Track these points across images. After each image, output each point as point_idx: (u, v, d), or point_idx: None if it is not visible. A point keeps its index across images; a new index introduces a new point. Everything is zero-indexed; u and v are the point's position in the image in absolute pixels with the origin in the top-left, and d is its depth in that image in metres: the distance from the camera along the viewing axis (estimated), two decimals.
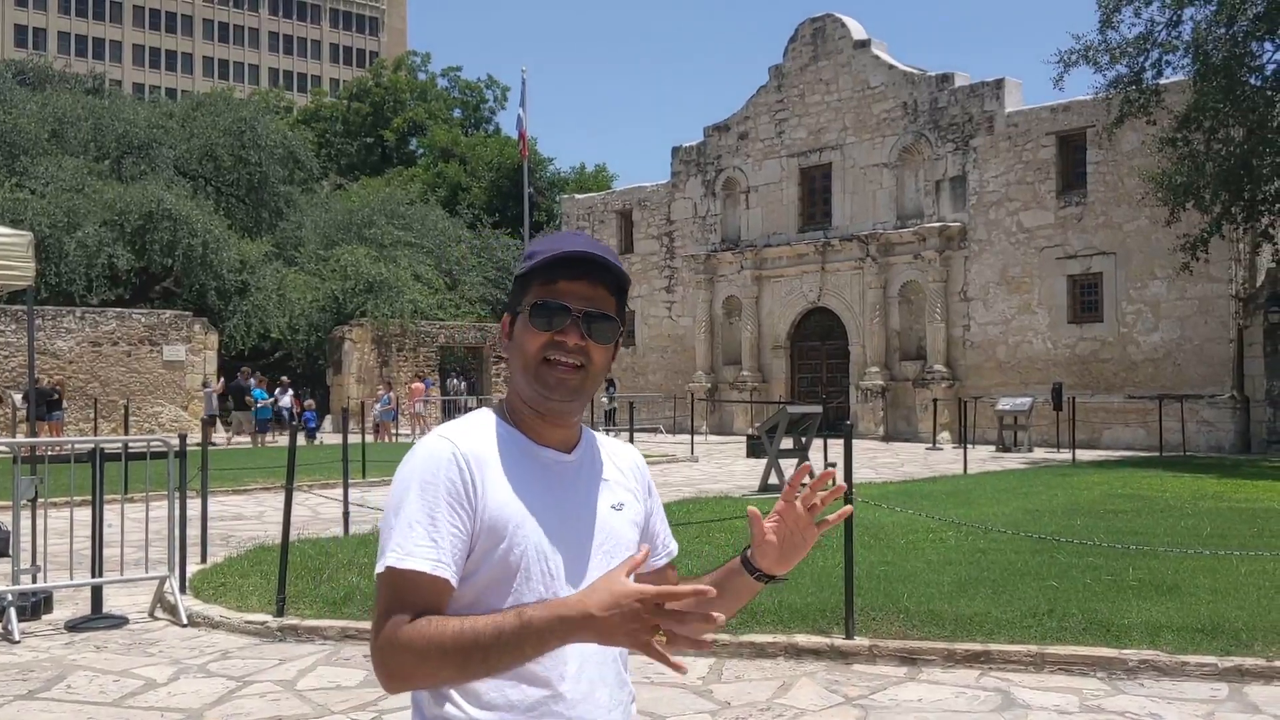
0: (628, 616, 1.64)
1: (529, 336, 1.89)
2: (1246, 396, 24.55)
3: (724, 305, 34.05)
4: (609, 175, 65.05)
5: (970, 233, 28.82)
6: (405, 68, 73.19)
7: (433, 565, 1.76)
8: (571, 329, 1.87)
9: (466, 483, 1.81)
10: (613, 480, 2.01)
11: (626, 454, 2.10)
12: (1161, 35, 21.33)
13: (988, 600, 7.76)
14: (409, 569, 1.75)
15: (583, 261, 1.88)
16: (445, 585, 1.77)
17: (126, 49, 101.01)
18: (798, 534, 1.92)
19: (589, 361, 1.88)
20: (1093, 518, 12.36)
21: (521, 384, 1.91)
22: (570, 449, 1.96)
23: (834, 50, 31.55)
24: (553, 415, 1.91)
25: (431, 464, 1.82)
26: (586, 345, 1.88)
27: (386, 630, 1.75)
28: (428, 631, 1.72)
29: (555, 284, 1.87)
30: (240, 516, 14.30)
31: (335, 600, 8.08)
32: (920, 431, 28.73)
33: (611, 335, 1.91)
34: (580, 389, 1.89)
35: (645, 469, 2.12)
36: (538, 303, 1.88)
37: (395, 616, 1.75)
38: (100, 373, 30.27)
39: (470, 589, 1.82)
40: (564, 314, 1.87)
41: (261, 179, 41.10)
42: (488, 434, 1.90)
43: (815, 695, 6.13)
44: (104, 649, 7.36)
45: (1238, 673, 6.24)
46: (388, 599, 1.77)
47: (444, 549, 1.77)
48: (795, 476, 1.94)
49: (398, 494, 1.83)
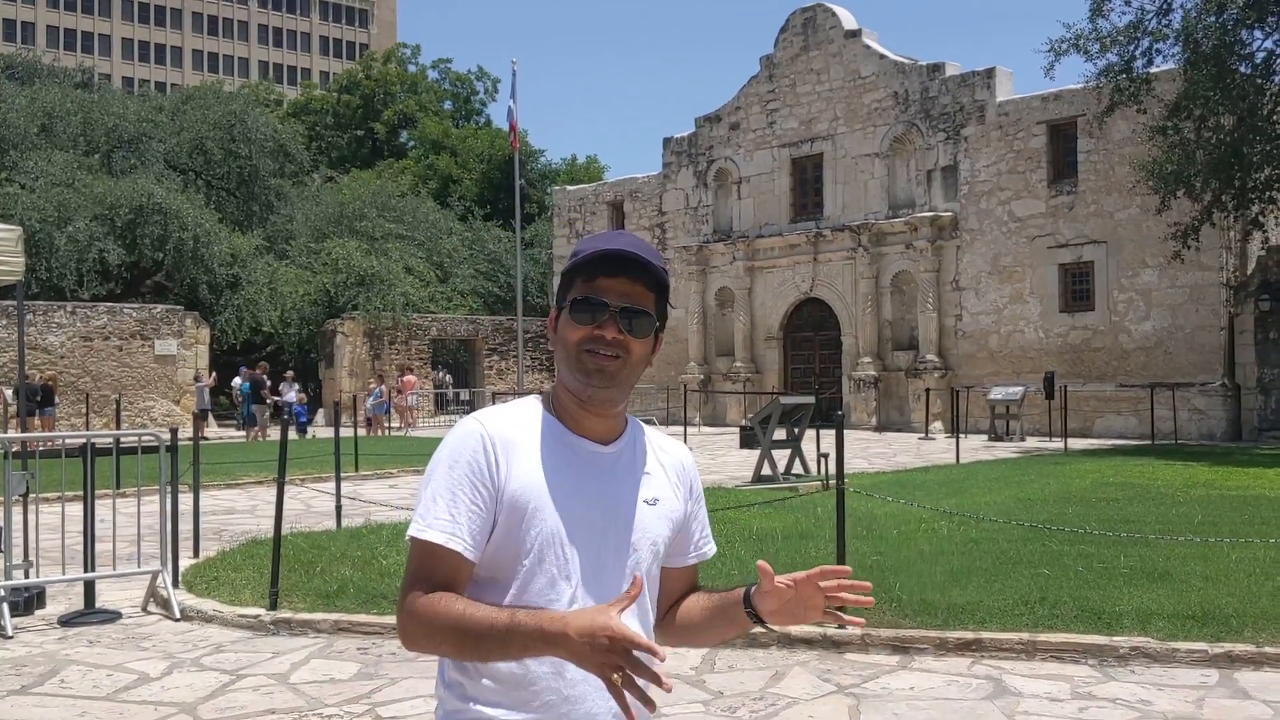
0: (597, 649, 1.72)
1: (570, 330, 1.98)
2: (1238, 384, 24.62)
3: (716, 296, 34.05)
4: (600, 167, 65.03)
5: (962, 222, 28.84)
6: (395, 60, 72.96)
7: (446, 538, 1.89)
8: (609, 324, 1.96)
9: (490, 462, 1.92)
10: (652, 475, 2.08)
11: (675, 452, 2.17)
12: (1152, 24, 21.36)
13: (980, 589, 7.78)
14: (426, 539, 1.90)
15: (622, 259, 1.97)
16: (459, 558, 1.89)
17: (116, 43, 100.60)
18: (804, 605, 2.01)
19: (626, 354, 1.97)
20: (1084, 506, 12.40)
21: (565, 374, 2.01)
22: (610, 441, 2.04)
23: (825, 40, 31.52)
24: (593, 404, 1.99)
25: (459, 443, 1.95)
26: (624, 339, 1.97)
27: (407, 599, 1.90)
28: (438, 609, 1.86)
29: (595, 281, 1.97)
30: (232, 511, 14.29)
31: (328, 593, 8.08)
32: (913, 421, 28.78)
33: (648, 329, 2.00)
34: (618, 375, 1.97)
35: (692, 469, 2.19)
36: (578, 298, 1.98)
37: (416, 585, 1.90)
38: (92, 367, 30.19)
39: (488, 562, 1.93)
40: (603, 309, 1.96)
41: (252, 172, 40.98)
42: (524, 419, 2.01)
43: (808, 684, 6.14)
44: (97, 644, 7.36)
45: (1228, 659, 6.27)
46: (413, 567, 1.93)
47: (461, 524, 1.90)
48: (832, 571, 2.00)
49: (429, 470, 1.97)
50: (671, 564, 2.15)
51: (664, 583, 2.16)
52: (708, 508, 2.28)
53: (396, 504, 13.19)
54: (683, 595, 2.20)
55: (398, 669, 6.53)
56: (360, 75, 70.54)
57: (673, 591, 2.18)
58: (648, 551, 2.04)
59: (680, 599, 2.19)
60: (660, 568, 2.12)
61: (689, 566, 2.20)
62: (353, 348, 36.56)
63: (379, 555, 9.48)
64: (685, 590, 2.20)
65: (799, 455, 16.85)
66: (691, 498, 2.17)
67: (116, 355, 30.63)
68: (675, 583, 2.18)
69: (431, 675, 6.31)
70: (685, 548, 2.17)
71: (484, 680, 1.93)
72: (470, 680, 1.95)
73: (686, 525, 2.16)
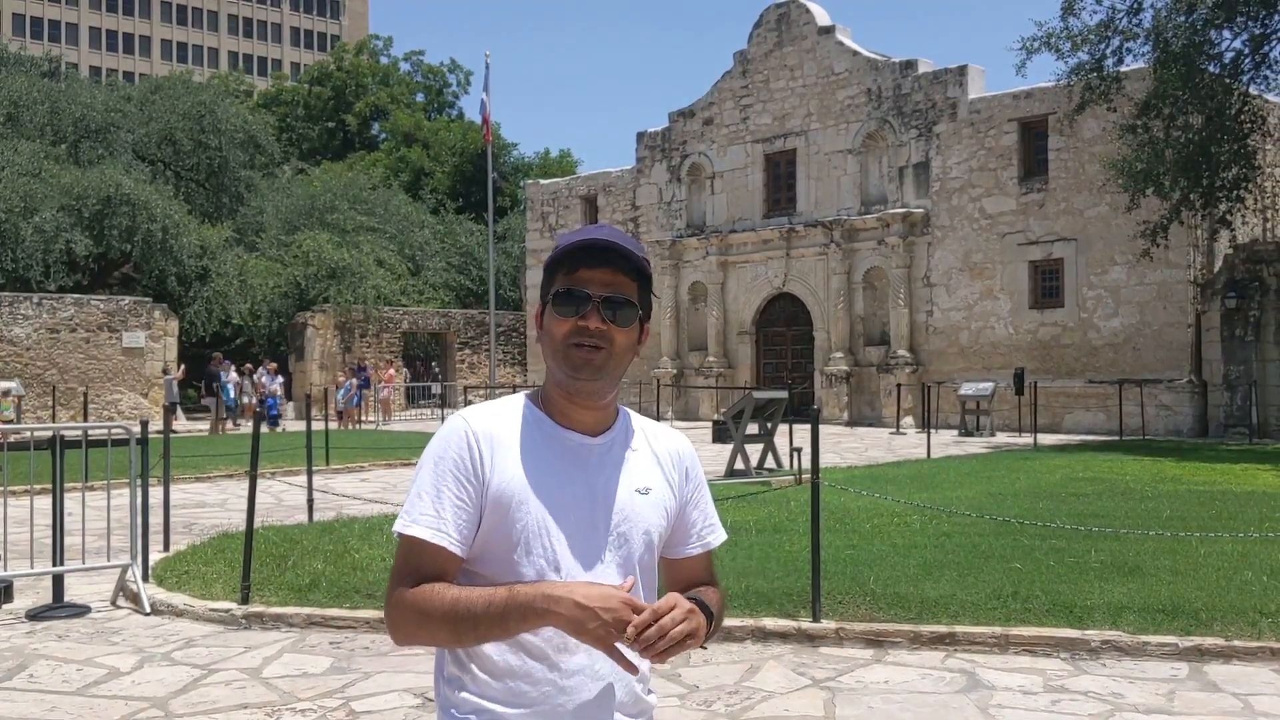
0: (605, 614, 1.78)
1: (555, 323, 2.00)
2: (1204, 381, 24.88)
3: (689, 291, 34.07)
4: (573, 160, 64.83)
5: (933, 219, 28.99)
6: (367, 51, 72.51)
7: (432, 533, 1.92)
8: (593, 314, 1.97)
9: (475, 459, 1.95)
10: (644, 464, 2.08)
11: (669, 440, 2.17)
12: (1122, 23, 21.53)
13: (953, 583, 7.83)
14: (411, 535, 1.93)
15: (602, 250, 1.99)
16: (444, 552, 1.92)
17: (83, 31, 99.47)
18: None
19: (611, 344, 1.98)
20: (1055, 501, 12.50)
21: (553, 368, 2.02)
22: (600, 433, 2.05)
23: (798, 36, 31.58)
24: (581, 397, 2.00)
25: (445, 441, 1.98)
26: (608, 329, 1.97)
27: (396, 593, 1.93)
28: (431, 597, 1.88)
29: (577, 272, 1.99)
30: (203, 504, 14.18)
31: (300, 587, 8.03)
32: (884, 416, 28.91)
33: (632, 318, 2.01)
34: (604, 367, 1.98)
35: (688, 455, 2.18)
36: (560, 291, 1.99)
37: (404, 580, 1.93)
38: (58, 360, 29.87)
39: (479, 557, 1.96)
40: (585, 300, 1.97)
41: (222, 163, 40.62)
42: (510, 415, 2.03)
43: (783, 678, 6.16)
44: (66, 638, 7.28)
45: (1197, 652, 6.34)
46: (399, 561, 1.96)
47: (445, 519, 1.93)
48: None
49: (418, 467, 2.01)
50: (675, 554, 2.16)
51: (670, 573, 2.17)
52: None
53: (368, 497, 13.12)
54: (690, 586, 2.16)
55: (371, 663, 6.50)
56: (332, 67, 70.06)
57: (679, 582, 2.17)
58: (640, 541, 2.04)
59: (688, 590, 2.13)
60: (662, 557, 2.13)
61: (695, 556, 2.18)
62: (323, 341, 36.36)
63: (351, 549, 9.43)
64: (694, 581, 2.17)
65: (772, 450, 16.89)
66: (689, 484, 2.16)
67: (84, 348, 30.32)
68: (682, 573, 2.17)
69: (405, 670, 6.29)
70: (686, 536, 2.16)
71: (481, 674, 1.95)
72: (468, 674, 1.97)
73: (685, 513, 2.15)
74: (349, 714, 5.64)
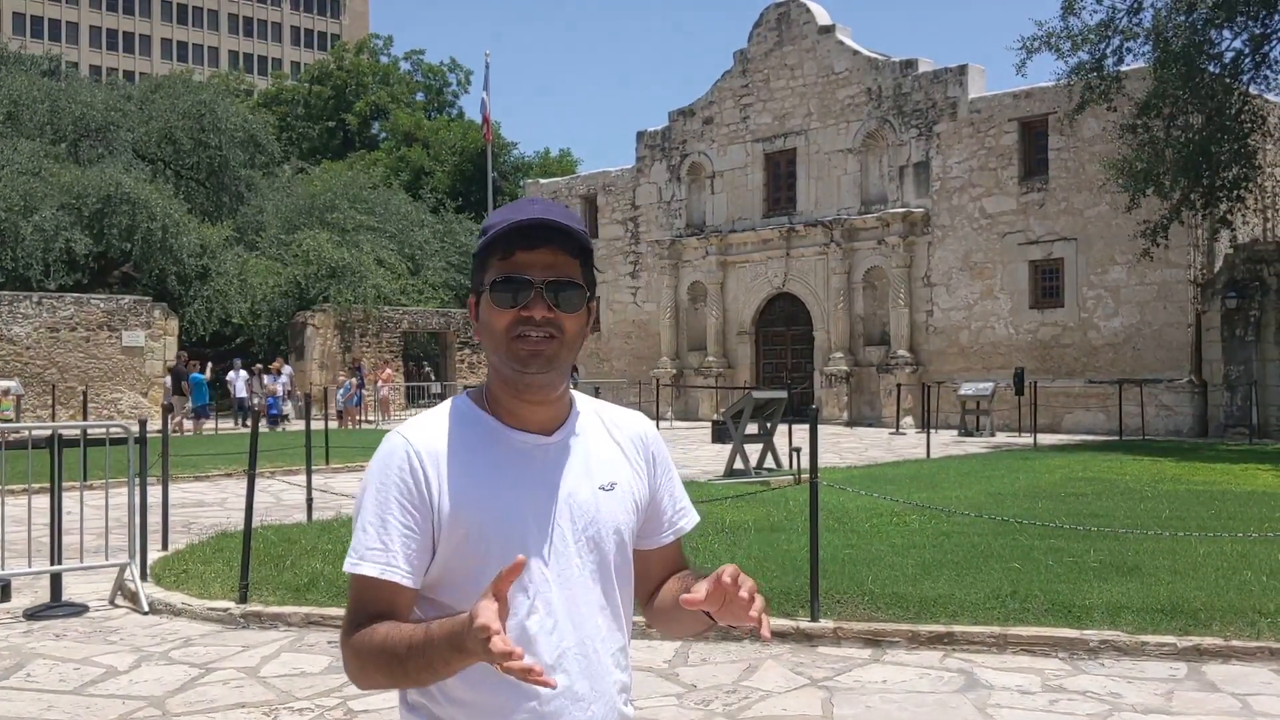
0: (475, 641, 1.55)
1: (495, 315, 1.81)
2: (1204, 381, 24.86)
3: (689, 291, 34.06)
4: (573, 160, 64.85)
5: (933, 219, 28.97)
6: (367, 51, 72.54)
7: (381, 570, 1.75)
8: (537, 302, 1.79)
9: (419, 481, 1.78)
10: (607, 457, 1.91)
11: (630, 423, 1.99)
12: (1123, 22, 21.52)
13: (951, 582, 7.82)
14: (361, 574, 1.76)
15: (539, 228, 1.80)
16: (396, 588, 1.75)
17: (84, 30, 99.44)
18: (734, 609, 1.77)
19: (560, 332, 1.81)
20: (1054, 501, 12.49)
21: (496, 364, 1.84)
22: (554, 429, 1.87)
23: (799, 35, 31.57)
24: (531, 392, 1.83)
25: (385, 464, 1.80)
26: (555, 316, 1.80)
27: (346, 635, 1.78)
28: (369, 639, 1.73)
29: (513, 256, 1.80)
30: (202, 503, 14.17)
31: (299, 587, 8.02)
32: (884, 416, 28.90)
33: (580, 302, 1.83)
34: (556, 358, 1.81)
35: (652, 438, 2.00)
36: (498, 279, 1.80)
37: (356, 622, 1.77)
38: (58, 359, 29.85)
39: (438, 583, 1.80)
40: (526, 287, 1.79)
41: (222, 163, 40.60)
42: (454, 424, 1.84)
43: (780, 677, 6.15)
44: (64, 637, 7.27)
45: (1196, 652, 6.33)
46: (351, 602, 1.80)
47: (394, 551, 1.75)
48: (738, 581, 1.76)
49: (359, 495, 1.83)
50: (648, 545, 1.99)
51: (643, 565, 1.99)
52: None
53: None
54: (665, 576, 2.02)
55: None
56: (332, 66, 70.08)
57: (651, 574, 2.01)
58: (611, 543, 1.87)
59: (663, 581, 2.02)
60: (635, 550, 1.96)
61: (668, 545, 2.02)
62: (323, 340, 36.35)
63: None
64: (670, 570, 2.03)
65: (771, 449, 16.88)
66: (657, 469, 1.99)
67: (83, 346, 30.30)
68: (654, 565, 2.01)
69: None
70: (659, 525, 2.00)
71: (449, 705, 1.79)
72: (435, 703, 1.81)
73: (655, 501, 1.98)
74: (346, 713, 5.64)
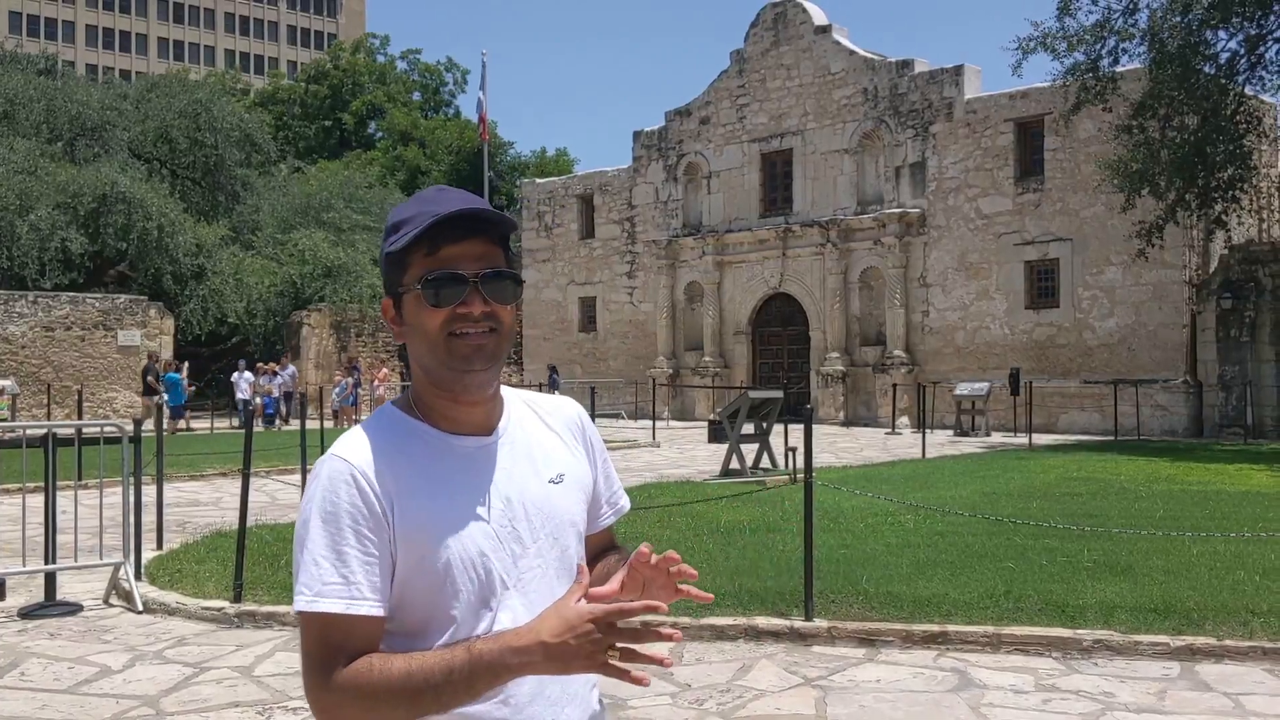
0: (582, 639, 1.55)
1: (427, 315, 1.72)
2: (1199, 381, 24.90)
3: (686, 291, 34.07)
4: (570, 159, 64.84)
5: (929, 219, 29.00)
6: (364, 50, 72.52)
7: (346, 604, 1.63)
8: (473, 296, 1.71)
9: (371, 503, 1.67)
10: (549, 448, 1.85)
11: (562, 409, 1.94)
12: (1118, 23, 21.54)
13: (945, 582, 7.83)
14: (322, 612, 1.64)
15: (463, 219, 1.71)
16: (366, 620, 1.65)
17: (80, 29, 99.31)
18: (659, 587, 1.74)
19: (500, 324, 1.74)
20: (1049, 500, 12.50)
21: (430, 367, 1.75)
22: (492, 428, 1.80)
23: (795, 35, 31.59)
24: (471, 392, 1.75)
25: (330, 490, 1.68)
26: (493, 309, 1.73)
27: (329, 681, 1.62)
28: (372, 676, 1.60)
29: (440, 251, 1.71)
30: (196, 503, 14.16)
31: (292, 586, 8.00)
32: (880, 416, 28.92)
33: (514, 292, 1.76)
34: (497, 352, 1.74)
35: (584, 421, 1.95)
36: (429, 277, 1.71)
37: (331, 664, 1.63)
38: (53, 358, 29.82)
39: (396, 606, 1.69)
40: (461, 283, 1.71)
41: (218, 162, 40.58)
42: (390, 439, 1.74)
43: (775, 677, 6.16)
44: (58, 636, 7.27)
45: (1189, 652, 6.34)
46: (312, 643, 1.65)
47: (357, 582, 1.64)
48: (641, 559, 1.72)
49: (301, 525, 1.71)
50: (589, 530, 1.92)
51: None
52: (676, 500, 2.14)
53: None
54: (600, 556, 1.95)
55: None
56: (328, 65, 70.06)
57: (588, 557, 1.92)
58: (571, 536, 1.82)
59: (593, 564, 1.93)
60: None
61: (604, 528, 1.97)
62: (319, 339, 36.33)
63: None
64: (602, 551, 1.97)
65: (767, 449, 16.89)
66: (595, 453, 1.94)
67: (79, 345, 30.27)
68: (591, 549, 1.93)
69: None
70: (598, 509, 1.94)
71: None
72: None
73: (596, 486, 1.93)
74: None
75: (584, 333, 36.86)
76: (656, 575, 1.72)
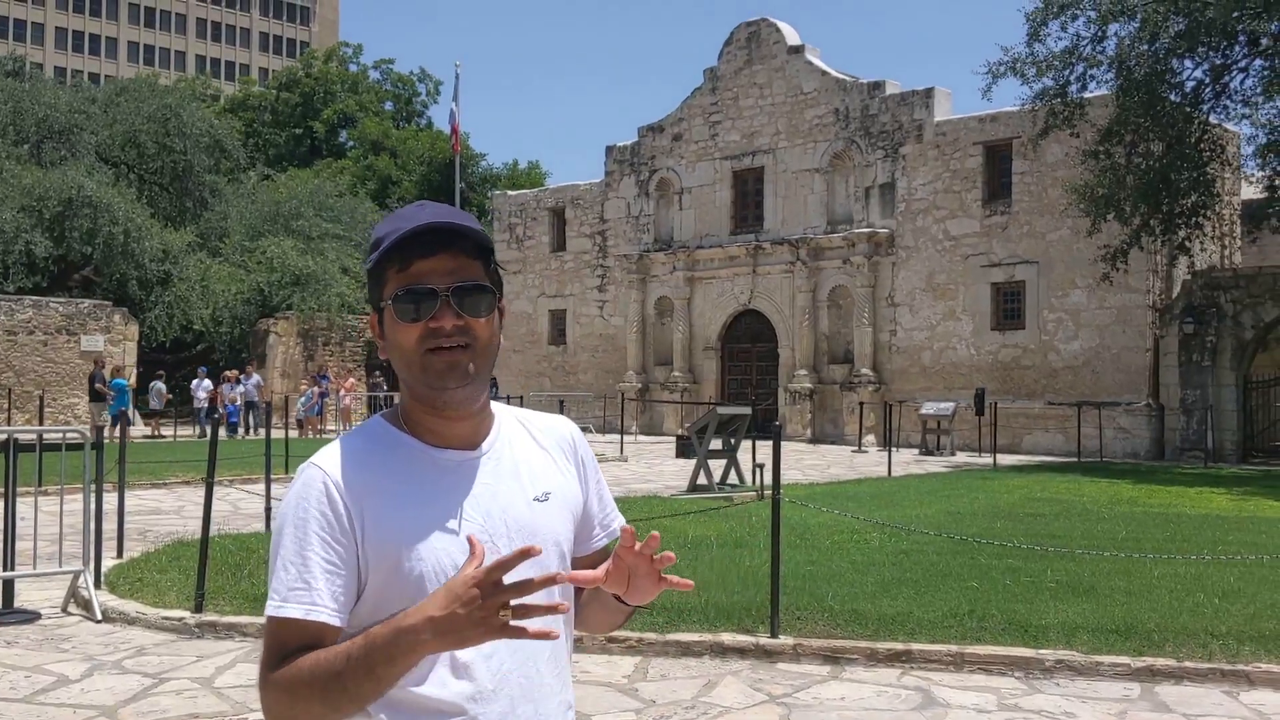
0: (469, 605, 1.50)
1: (401, 330, 1.72)
2: (1161, 405, 25.17)
3: (656, 306, 34.11)
4: (542, 173, 64.81)
5: (898, 239, 29.20)
6: (336, 59, 72.27)
7: (306, 610, 1.64)
8: (444, 311, 1.70)
9: (340, 513, 1.68)
10: (538, 466, 1.84)
11: (555, 428, 1.93)
12: (1086, 50, 21.83)
13: (910, 600, 7.87)
14: (284, 617, 1.65)
15: (435, 233, 1.70)
16: (323, 628, 1.65)
17: (49, 31, 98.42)
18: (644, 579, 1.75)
19: (474, 338, 1.72)
20: (1013, 521, 12.60)
21: (410, 382, 1.74)
22: (479, 443, 1.79)
23: (768, 55, 31.77)
24: (452, 408, 1.74)
25: (302, 498, 1.70)
26: (465, 323, 1.71)
27: (262, 677, 1.66)
28: (292, 669, 1.62)
29: (411, 266, 1.70)
30: (158, 511, 14.01)
31: (256, 596, 7.94)
32: (846, 434, 29.04)
33: (489, 305, 1.74)
34: (474, 368, 1.72)
35: (578, 441, 1.95)
36: (400, 292, 1.71)
37: (269, 662, 1.66)
38: (15, 362, 29.46)
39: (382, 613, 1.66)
40: (431, 297, 1.70)
41: (186, 168, 40.30)
42: (371, 450, 1.75)
43: (739, 694, 6.16)
44: (14, 644, 7.16)
45: (1149, 673, 6.40)
46: (270, 646, 1.67)
47: (319, 590, 1.65)
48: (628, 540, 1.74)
49: (275, 532, 1.73)
50: (580, 552, 1.91)
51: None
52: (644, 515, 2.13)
53: None
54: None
55: None
56: (300, 73, 69.76)
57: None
58: (553, 555, 1.78)
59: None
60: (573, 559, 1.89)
61: (599, 550, 1.95)
62: (285, 348, 36.07)
63: None
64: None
65: (735, 465, 16.92)
66: (588, 472, 1.94)
67: (41, 350, 29.92)
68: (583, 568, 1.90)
69: None
70: (590, 530, 1.94)
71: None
72: None
73: (586, 505, 1.92)
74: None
75: (554, 345, 36.81)
76: (641, 563, 1.72)
